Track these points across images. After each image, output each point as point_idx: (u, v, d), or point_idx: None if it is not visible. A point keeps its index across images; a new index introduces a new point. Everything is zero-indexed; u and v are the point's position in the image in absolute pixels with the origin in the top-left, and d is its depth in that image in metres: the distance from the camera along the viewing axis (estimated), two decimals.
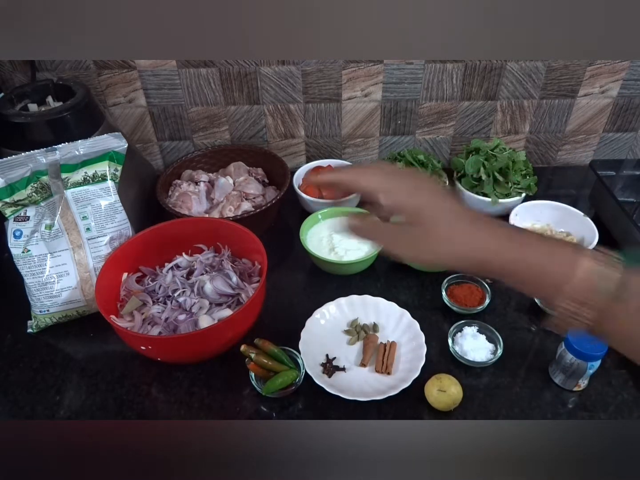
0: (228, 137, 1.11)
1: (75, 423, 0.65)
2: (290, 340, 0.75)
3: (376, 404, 0.68)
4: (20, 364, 0.77)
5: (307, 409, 0.70)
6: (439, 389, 0.67)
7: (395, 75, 1.02)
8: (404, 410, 0.69)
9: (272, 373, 0.70)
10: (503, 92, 1.05)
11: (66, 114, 0.83)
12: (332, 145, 1.13)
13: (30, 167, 0.76)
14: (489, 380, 0.73)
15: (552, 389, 0.72)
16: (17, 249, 0.76)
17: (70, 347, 0.79)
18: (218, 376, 0.74)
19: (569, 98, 1.06)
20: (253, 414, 0.70)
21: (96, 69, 0.99)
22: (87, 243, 0.78)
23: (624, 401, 0.70)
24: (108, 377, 0.75)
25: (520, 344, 0.77)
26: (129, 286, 0.80)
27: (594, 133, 1.13)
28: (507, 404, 0.70)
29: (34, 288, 0.77)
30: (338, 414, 0.69)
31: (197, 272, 0.81)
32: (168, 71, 1.00)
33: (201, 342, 0.70)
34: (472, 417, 0.69)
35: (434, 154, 1.13)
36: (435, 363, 0.74)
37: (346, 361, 0.75)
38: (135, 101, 1.04)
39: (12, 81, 0.99)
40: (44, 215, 0.78)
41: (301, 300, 0.86)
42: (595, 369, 0.69)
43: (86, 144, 0.79)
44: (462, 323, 0.78)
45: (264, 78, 1.01)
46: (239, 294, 0.78)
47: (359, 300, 0.82)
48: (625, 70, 1.02)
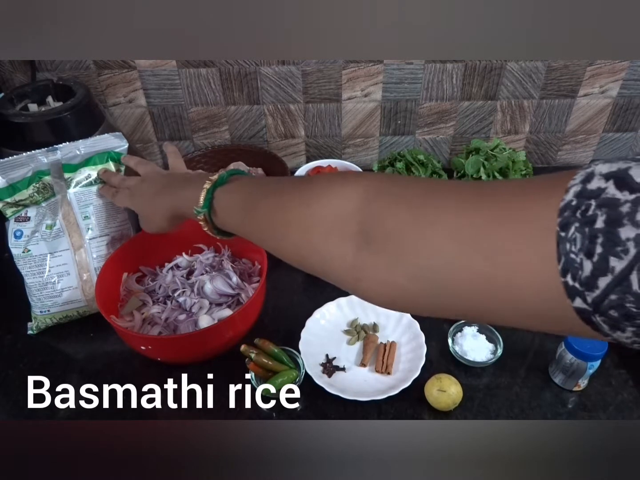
0: (228, 137, 1.11)
1: (75, 423, 0.65)
2: (290, 340, 0.75)
3: (376, 404, 0.68)
4: (20, 364, 0.77)
5: (307, 409, 0.70)
6: (439, 389, 0.67)
7: (395, 75, 1.02)
8: (404, 410, 0.69)
9: (272, 373, 0.70)
10: (503, 92, 1.05)
11: (66, 114, 0.83)
12: (332, 145, 1.13)
13: (32, 167, 0.76)
14: (489, 380, 0.73)
15: (552, 389, 0.72)
16: (18, 249, 0.76)
17: (70, 348, 0.79)
18: (218, 376, 0.74)
19: (569, 98, 1.06)
20: (253, 414, 0.70)
21: (96, 69, 0.99)
22: (88, 243, 0.78)
23: (624, 401, 0.70)
24: (108, 377, 0.75)
25: (520, 344, 0.77)
26: (129, 286, 0.80)
27: (594, 133, 1.12)
28: (507, 404, 0.70)
29: (34, 288, 0.77)
30: (338, 414, 0.69)
31: (197, 272, 0.81)
32: (168, 71, 1.00)
33: (201, 342, 0.70)
34: (472, 417, 0.69)
35: (434, 154, 1.13)
36: (435, 363, 0.74)
37: (346, 361, 0.75)
38: (135, 101, 1.04)
39: (12, 81, 0.98)
40: (44, 216, 0.77)
41: (301, 300, 0.86)
42: (595, 369, 0.69)
43: (87, 143, 0.79)
44: (462, 323, 0.78)
45: (264, 78, 1.01)
46: (239, 294, 0.78)
47: (359, 300, 0.81)
48: (625, 70, 1.02)
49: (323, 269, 0.38)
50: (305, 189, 0.42)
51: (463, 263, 0.30)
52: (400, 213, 0.33)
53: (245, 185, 0.50)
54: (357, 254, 0.35)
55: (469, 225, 0.30)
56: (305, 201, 0.40)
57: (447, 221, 0.31)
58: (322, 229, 0.37)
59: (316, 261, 0.39)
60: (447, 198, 0.32)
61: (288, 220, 0.41)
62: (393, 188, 0.36)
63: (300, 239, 0.39)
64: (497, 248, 0.28)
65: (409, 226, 0.32)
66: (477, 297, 0.30)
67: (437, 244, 0.31)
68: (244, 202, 0.48)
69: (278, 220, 0.42)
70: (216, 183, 0.50)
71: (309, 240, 0.39)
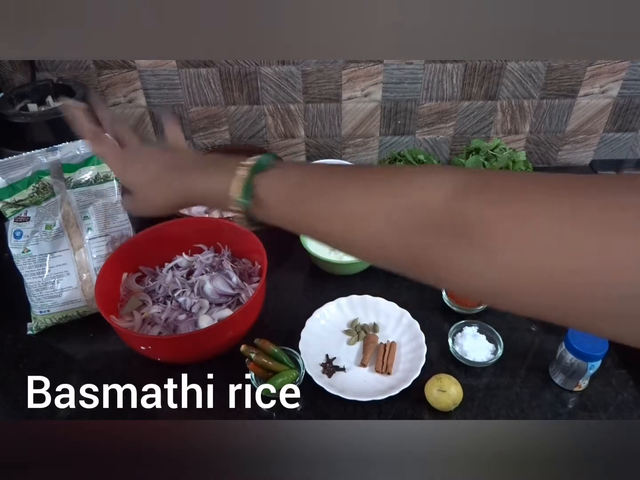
0: (228, 137, 1.11)
1: (75, 423, 0.65)
2: (290, 340, 0.75)
3: (376, 404, 0.68)
4: (20, 364, 0.77)
5: (307, 409, 0.70)
6: (439, 389, 0.67)
7: (395, 75, 1.02)
8: (404, 410, 0.69)
9: (272, 373, 0.70)
10: (503, 92, 1.05)
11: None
12: (332, 145, 1.13)
13: (32, 167, 0.76)
14: (489, 381, 0.73)
15: (552, 389, 0.72)
16: (17, 249, 0.76)
17: (70, 348, 0.79)
18: (218, 376, 0.74)
19: (569, 98, 1.06)
20: (253, 414, 0.70)
21: (96, 69, 0.99)
22: (88, 243, 0.78)
23: (624, 401, 0.70)
24: (108, 377, 0.75)
25: (521, 344, 0.77)
26: (129, 286, 0.80)
27: (594, 133, 1.12)
28: (507, 404, 0.70)
29: (34, 288, 0.77)
30: (338, 414, 0.69)
31: (197, 272, 0.81)
32: (168, 71, 1.00)
33: (201, 342, 0.70)
34: (472, 417, 0.68)
35: (434, 154, 1.13)
36: (435, 363, 0.74)
37: (346, 361, 0.75)
38: (135, 101, 1.04)
39: (12, 81, 0.98)
40: (44, 216, 0.77)
41: (301, 300, 0.86)
42: (596, 369, 0.68)
43: None
44: (462, 323, 0.78)
45: (264, 78, 1.01)
46: (239, 294, 0.78)
47: (359, 300, 0.82)
48: (625, 70, 1.02)
49: (413, 262, 0.37)
50: (385, 179, 0.39)
51: (567, 254, 0.29)
52: (497, 206, 0.33)
53: (292, 173, 0.45)
54: (450, 247, 0.34)
55: (570, 216, 0.29)
56: (391, 192, 0.38)
57: (547, 214, 0.30)
58: (412, 221, 0.36)
59: (403, 254, 0.37)
60: (541, 192, 0.32)
61: (365, 212, 0.38)
62: (486, 180, 0.35)
63: (383, 232, 0.37)
64: (604, 240, 0.28)
65: (506, 219, 0.32)
66: (580, 292, 0.29)
67: (537, 237, 0.30)
68: (297, 192, 0.43)
69: (352, 213, 0.39)
70: (254, 170, 0.45)
71: (395, 233, 0.37)
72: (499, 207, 0.33)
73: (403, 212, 0.36)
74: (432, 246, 0.35)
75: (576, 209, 0.29)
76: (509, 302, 0.35)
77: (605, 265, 0.27)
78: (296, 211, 0.43)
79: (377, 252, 0.39)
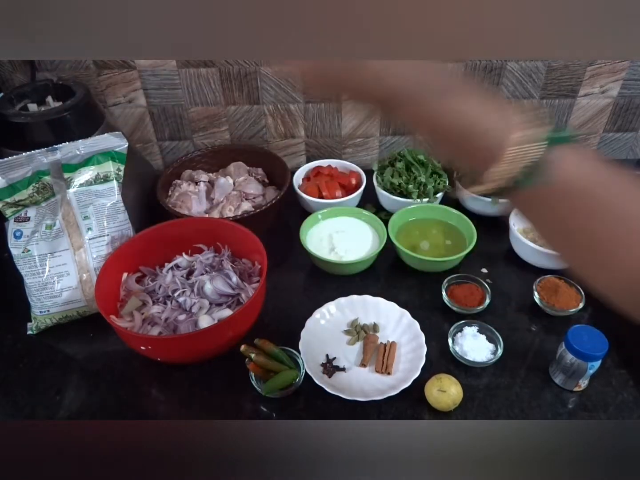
0: (228, 137, 1.11)
1: (75, 423, 0.65)
2: (290, 340, 0.75)
3: (376, 404, 0.68)
4: (20, 364, 0.77)
5: (307, 409, 0.70)
6: (439, 389, 0.67)
7: None
8: (404, 410, 0.69)
9: (272, 373, 0.70)
10: (503, 92, 1.05)
11: (66, 114, 0.83)
12: (332, 145, 1.13)
13: (32, 167, 0.76)
14: (489, 381, 0.73)
15: (552, 389, 0.72)
16: (17, 249, 0.76)
17: (70, 348, 0.79)
18: (218, 376, 0.74)
19: (569, 98, 1.06)
20: (253, 414, 0.70)
21: (96, 69, 0.99)
22: (88, 243, 0.78)
23: (624, 401, 0.70)
24: (108, 377, 0.75)
25: (521, 344, 0.77)
26: (129, 286, 0.80)
27: (594, 133, 1.12)
28: (507, 404, 0.70)
29: (34, 288, 0.77)
30: (338, 414, 0.69)
31: (197, 272, 0.81)
32: (168, 71, 1.00)
33: (201, 342, 0.70)
34: (472, 417, 0.69)
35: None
36: (435, 363, 0.74)
37: (346, 361, 0.75)
38: (135, 101, 1.04)
39: (12, 81, 0.98)
40: (44, 216, 0.77)
41: (301, 300, 0.86)
42: (596, 369, 0.68)
43: (87, 143, 0.79)
44: (462, 323, 0.78)
45: (264, 78, 1.01)
46: (239, 294, 0.78)
47: (359, 300, 0.82)
48: (625, 70, 1.02)
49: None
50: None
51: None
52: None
53: (590, 164, 0.36)
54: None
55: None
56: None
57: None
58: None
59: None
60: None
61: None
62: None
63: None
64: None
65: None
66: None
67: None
68: (588, 202, 0.35)
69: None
70: (554, 138, 0.35)
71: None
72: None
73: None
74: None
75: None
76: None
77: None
78: (583, 209, 0.36)
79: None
